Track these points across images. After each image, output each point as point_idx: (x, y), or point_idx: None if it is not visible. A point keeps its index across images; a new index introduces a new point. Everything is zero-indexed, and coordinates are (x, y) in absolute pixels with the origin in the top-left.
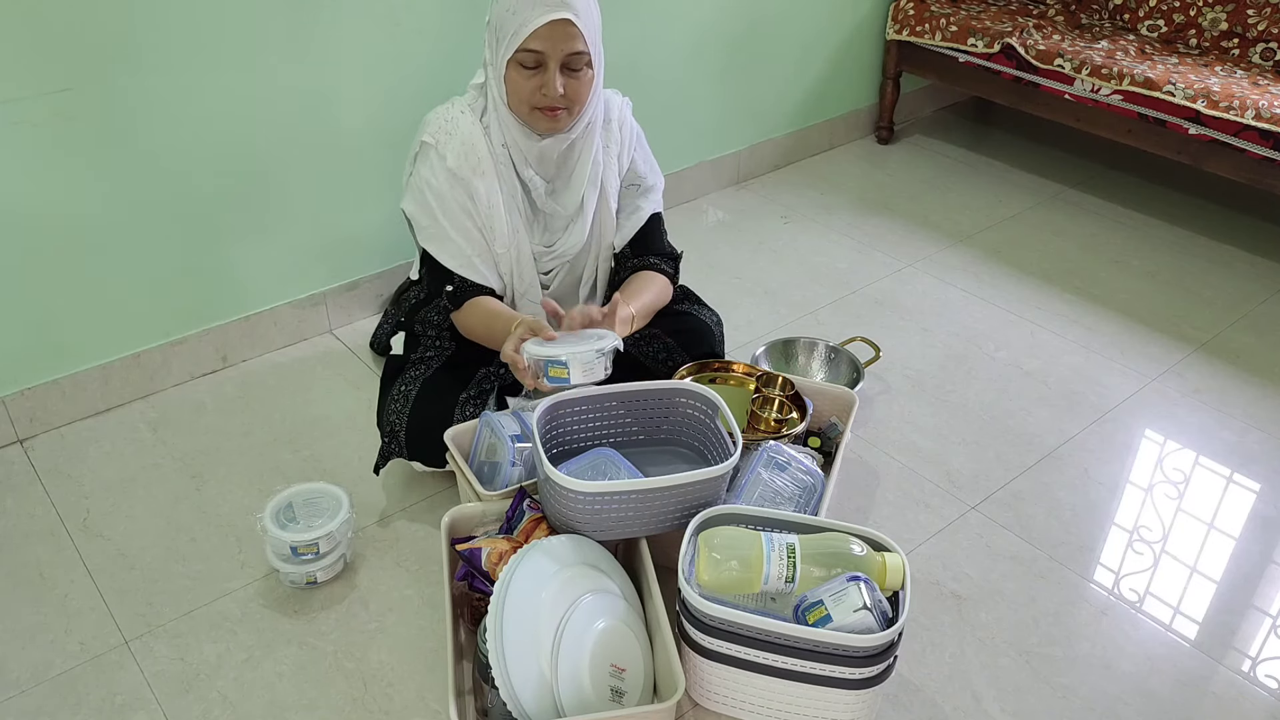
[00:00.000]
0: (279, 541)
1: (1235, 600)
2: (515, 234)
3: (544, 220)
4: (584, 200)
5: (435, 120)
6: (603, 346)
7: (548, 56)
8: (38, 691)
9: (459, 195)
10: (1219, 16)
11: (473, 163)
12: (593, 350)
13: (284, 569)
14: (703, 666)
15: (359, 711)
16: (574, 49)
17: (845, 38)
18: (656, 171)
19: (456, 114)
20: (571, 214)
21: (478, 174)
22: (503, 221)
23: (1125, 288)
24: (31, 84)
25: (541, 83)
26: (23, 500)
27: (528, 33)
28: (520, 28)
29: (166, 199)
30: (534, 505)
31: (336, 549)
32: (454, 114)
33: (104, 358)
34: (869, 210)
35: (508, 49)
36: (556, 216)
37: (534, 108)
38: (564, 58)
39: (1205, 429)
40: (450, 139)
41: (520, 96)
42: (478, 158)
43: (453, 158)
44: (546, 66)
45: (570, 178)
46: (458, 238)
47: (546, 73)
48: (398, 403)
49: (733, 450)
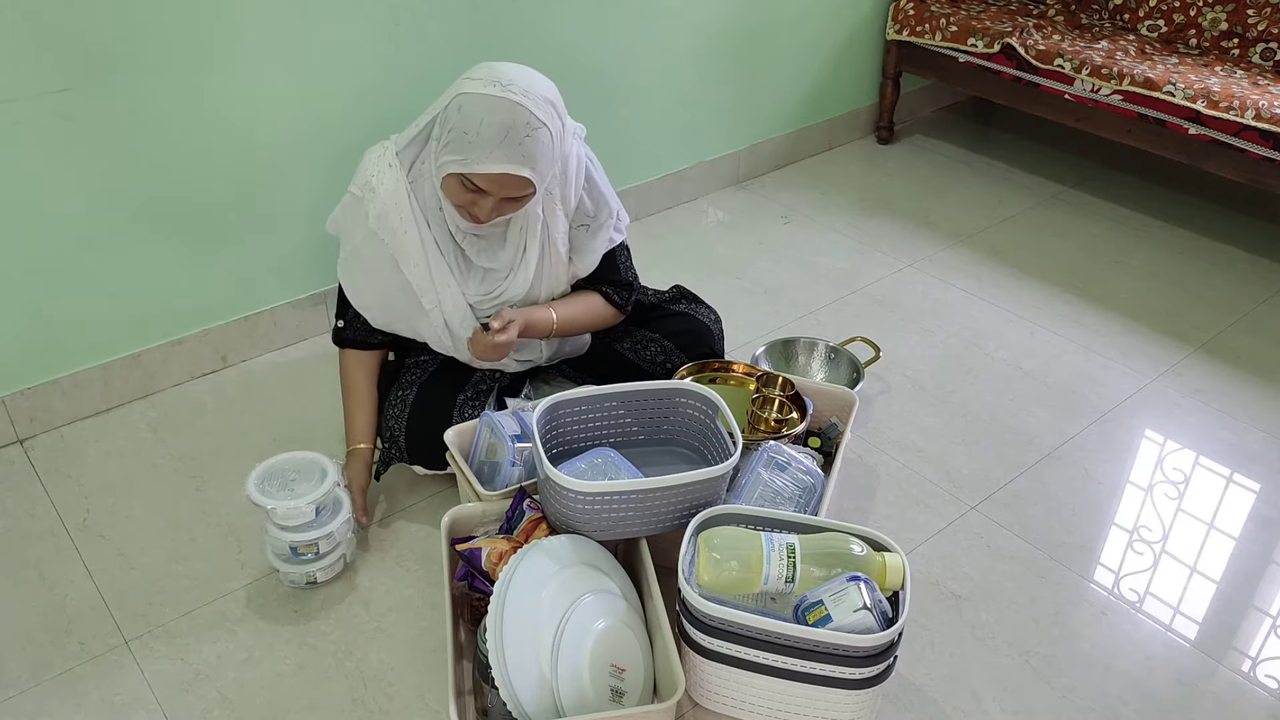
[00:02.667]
0: (279, 541)
1: (1235, 600)
2: (444, 289)
3: (481, 272)
4: (525, 251)
5: (364, 170)
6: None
7: (490, 193)
8: (38, 691)
9: (377, 253)
10: (1219, 16)
11: (392, 225)
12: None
13: (284, 569)
14: (703, 666)
15: (359, 711)
16: (520, 193)
17: (845, 38)
18: (607, 203)
19: (383, 168)
20: (510, 267)
21: (397, 236)
22: (426, 279)
23: (1125, 288)
24: (32, 84)
25: (476, 201)
26: (23, 500)
27: (479, 170)
28: (473, 161)
29: (166, 198)
30: (534, 505)
31: (337, 549)
32: (380, 167)
33: (104, 358)
34: (869, 210)
35: (453, 165)
36: (496, 270)
37: (463, 209)
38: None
39: (1205, 429)
40: (373, 197)
41: (452, 198)
42: (399, 218)
43: (373, 219)
44: (487, 196)
45: (504, 239)
46: (357, 288)
47: (486, 199)
48: (395, 408)
49: (733, 450)
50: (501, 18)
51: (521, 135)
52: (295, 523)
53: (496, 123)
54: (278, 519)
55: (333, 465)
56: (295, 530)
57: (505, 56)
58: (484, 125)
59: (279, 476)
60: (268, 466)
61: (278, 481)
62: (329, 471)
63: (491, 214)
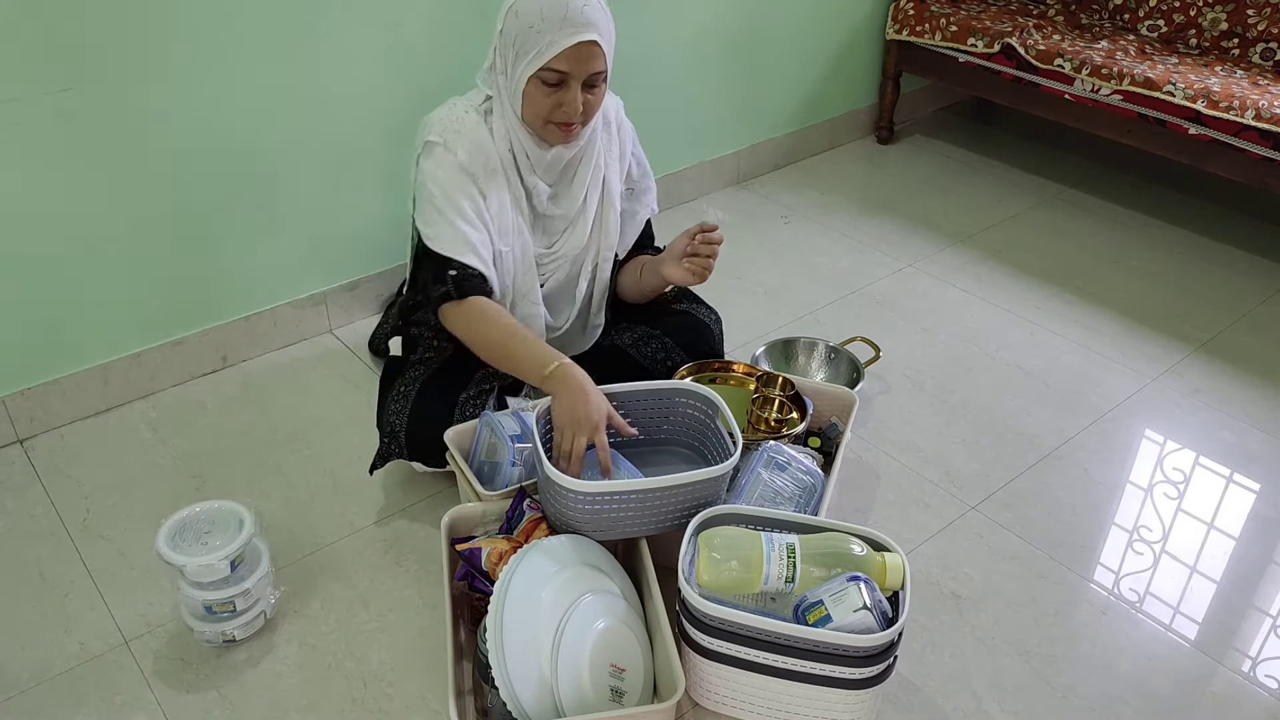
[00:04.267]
0: (192, 600)
1: (1235, 600)
2: (520, 234)
3: (544, 224)
4: (585, 202)
5: (441, 120)
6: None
7: (571, 76)
8: (38, 691)
9: (467, 188)
10: (1219, 16)
11: (482, 160)
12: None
13: (198, 627)
14: (703, 666)
15: (359, 711)
16: (597, 69)
17: (845, 38)
18: (649, 172)
19: (461, 114)
20: (572, 217)
21: (487, 172)
22: (510, 221)
23: (1125, 288)
24: (32, 84)
25: (561, 100)
26: (23, 500)
27: (554, 53)
28: (546, 47)
29: (167, 199)
30: (534, 505)
31: (255, 605)
32: (459, 114)
33: (104, 358)
34: (869, 210)
35: (529, 66)
36: (556, 219)
37: (549, 122)
38: (586, 76)
39: (1205, 429)
40: (459, 137)
41: (537, 111)
42: (486, 156)
43: (464, 154)
44: (568, 85)
45: (572, 182)
46: (461, 224)
47: (568, 91)
48: (397, 403)
49: (733, 450)
50: None
51: (582, 4)
52: (209, 579)
53: (557, 2)
54: (190, 576)
55: (250, 515)
56: (209, 588)
57: None
58: (545, 11)
59: (192, 529)
60: (179, 519)
61: (190, 534)
62: (245, 522)
63: (577, 106)
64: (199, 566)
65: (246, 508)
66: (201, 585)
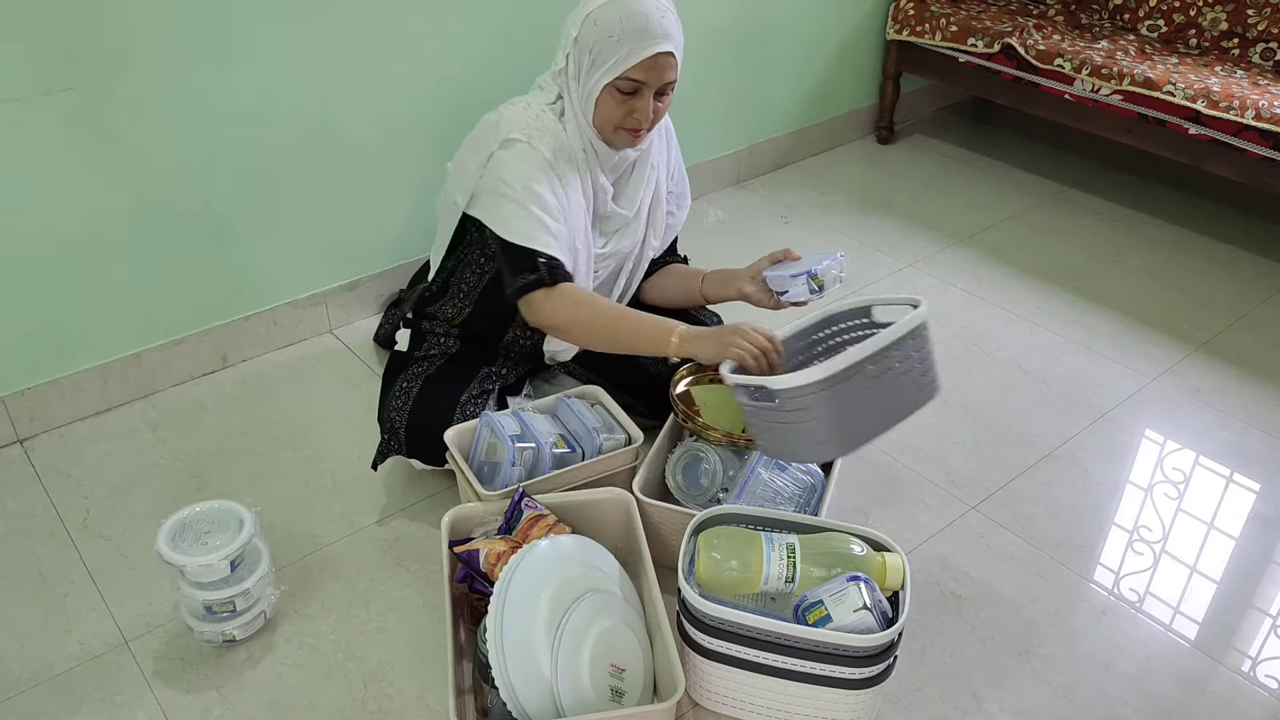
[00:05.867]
0: (192, 600)
1: (1235, 600)
2: (587, 234)
3: (600, 224)
4: (641, 204)
5: (519, 118)
6: (836, 256)
7: (646, 85)
8: (38, 691)
9: (552, 183)
10: (1219, 16)
11: (566, 157)
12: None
13: (199, 627)
14: (703, 666)
15: (359, 711)
16: (671, 78)
17: (845, 38)
18: (686, 178)
19: (539, 111)
20: (630, 218)
21: (570, 169)
22: (583, 220)
23: (1125, 288)
24: (32, 84)
25: (634, 108)
26: (23, 500)
27: (633, 63)
28: (625, 57)
29: (166, 199)
30: (532, 504)
31: (255, 605)
32: (535, 112)
33: (104, 358)
34: (869, 210)
35: (606, 74)
36: (614, 219)
37: (620, 128)
38: (660, 85)
39: (1205, 429)
40: (543, 134)
41: (609, 117)
42: (569, 154)
43: (548, 151)
44: (642, 94)
45: (629, 182)
46: (545, 217)
47: (641, 99)
48: (399, 399)
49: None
50: (500, 18)
51: (659, 16)
52: (209, 579)
53: (635, 13)
54: (190, 576)
55: (250, 515)
56: (209, 588)
57: (506, 55)
58: (624, 22)
59: (192, 529)
60: (179, 519)
61: (190, 534)
62: (245, 522)
63: (649, 114)
64: (199, 566)
65: (246, 508)
66: (201, 585)
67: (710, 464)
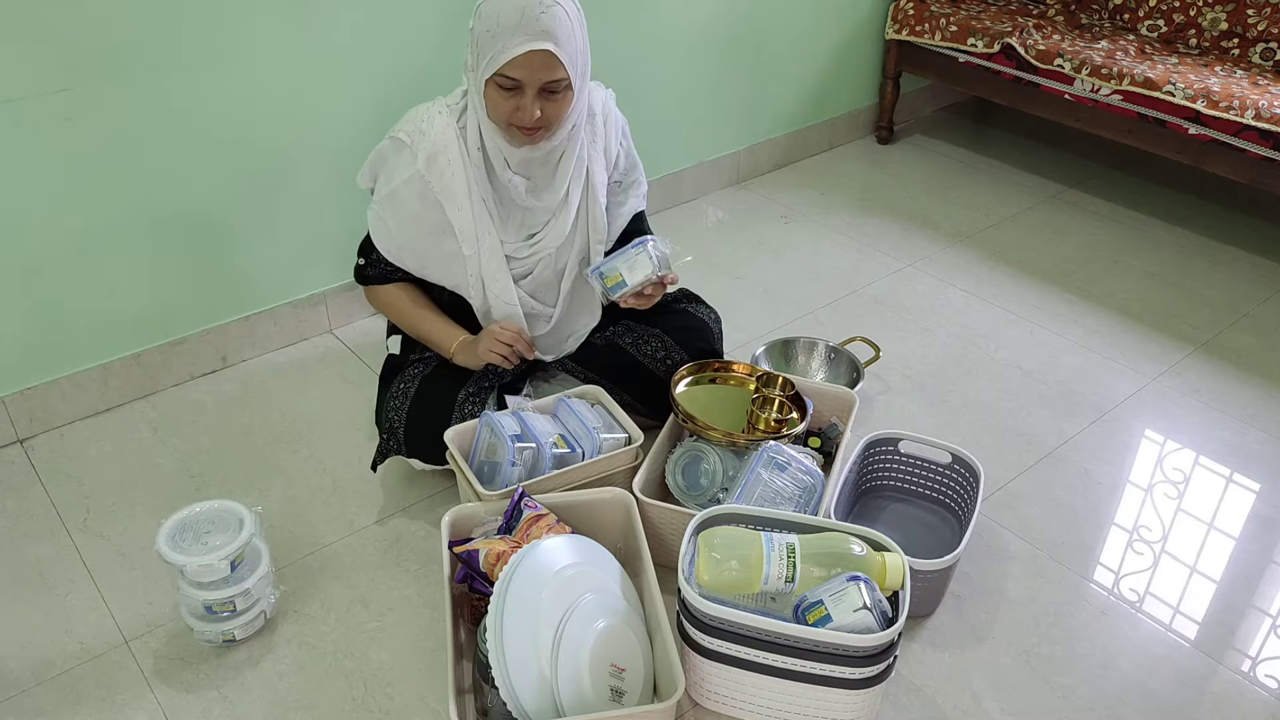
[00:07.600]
0: (192, 599)
1: (1235, 600)
2: (484, 235)
3: (521, 217)
4: (568, 195)
5: (412, 118)
6: (642, 243)
7: (525, 83)
8: (38, 691)
9: (419, 195)
10: (1219, 16)
11: (440, 166)
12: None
13: (199, 627)
14: (703, 666)
15: (359, 711)
16: (553, 77)
17: (845, 38)
18: (638, 164)
19: (434, 114)
20: (555, 209)
21: (445, 178)
22: (470, 224)
23: (1125, 288)
24: (32, 84)
25: (518, 105)
26: (23, 500)
27: (506, 59)
28: (499, 53)
29: (166, 199)
30: (531, 504)
31: (255, 605)
32: (431, 114)
33: (104, 358)
34: (869, 210)
35: (486, 69)
36: (537, 211)
37: (510, 124)
38: (542, 84)
39: (1205, 429)
40: (423, 139)
41: (498, 113)
42: (447, 160)
43: (422, 159)
44: (523, 91)
45: (554, 176)
46: (392, 224)
47: (523, 96)
48: (397, 399)
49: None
50: None
51: (537, 13)
52: (209, 579)
53: (511, 9)
54: (190, 576)
55: (250, 515)
56: (209, 588)
57: None
58: (500, 16)
59: (192, 529)
60: (179, 519)
61: (190, 534)
62: (246, 522)
63: (535, 113)
64: (199, 566)
65: (247, 508)
66: (201, 585)
67: (710, 464)
